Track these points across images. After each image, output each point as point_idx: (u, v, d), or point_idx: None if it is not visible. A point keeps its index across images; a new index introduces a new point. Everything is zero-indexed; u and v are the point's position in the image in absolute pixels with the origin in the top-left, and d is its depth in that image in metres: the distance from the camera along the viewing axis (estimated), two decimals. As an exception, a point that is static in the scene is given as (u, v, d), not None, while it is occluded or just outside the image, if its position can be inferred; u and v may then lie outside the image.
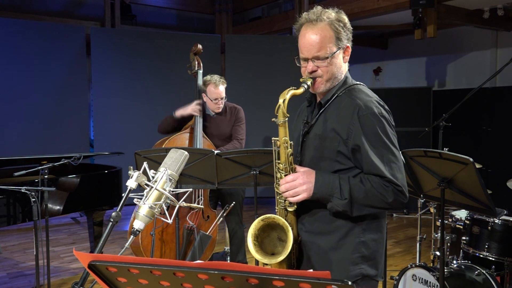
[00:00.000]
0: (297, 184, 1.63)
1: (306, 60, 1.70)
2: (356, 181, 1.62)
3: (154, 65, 6.82)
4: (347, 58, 1.74)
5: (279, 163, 1.69)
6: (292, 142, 1.69)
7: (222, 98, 3.71)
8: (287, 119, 1.65)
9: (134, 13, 8.11)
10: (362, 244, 1.68)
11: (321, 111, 1.74)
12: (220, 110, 3.75)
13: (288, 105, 1.63)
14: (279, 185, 1.68)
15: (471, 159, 2.22)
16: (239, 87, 6.66)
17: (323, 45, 1.65)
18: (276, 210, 1.75)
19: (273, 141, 1.70)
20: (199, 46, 3.94)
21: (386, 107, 1.72)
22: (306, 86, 1.67)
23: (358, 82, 1.78)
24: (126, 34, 7.00)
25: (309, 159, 1.74)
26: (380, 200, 1.61)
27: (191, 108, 3.70)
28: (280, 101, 1.62)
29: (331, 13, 1.69)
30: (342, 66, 1.73)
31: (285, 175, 1.67)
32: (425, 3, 5.26)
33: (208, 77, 3.73)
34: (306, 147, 1.77)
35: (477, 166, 2.30)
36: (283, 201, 1.70)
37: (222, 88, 3.69)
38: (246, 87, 6.78)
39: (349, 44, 1.73)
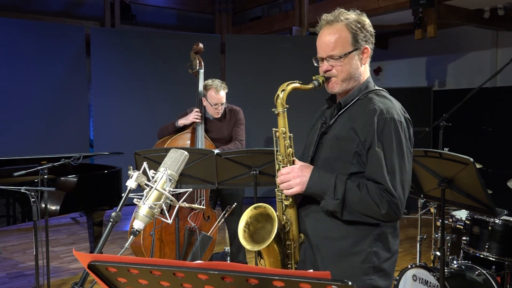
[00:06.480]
0: (291, 177, 1.63)
1: (322, 59, 1.69)
2: (352, 185, 1.58)
3: (154, 65, 6.80)
4: (366, 60, 1.72)
5: (278, 154, 1.70)
6: (291, 134, 1.68)
7: (222, 104, 3.67)
8: (285, 109, 1.65)
9: (134, 13, 8.12)
10: (374, 254, 1.63)
11: (340, 112, 1.71)
12: (219, 115, 3.72)
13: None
14: (277, 177, 1.69)
15: (471, 159, 2.21)
16: (239, 87, 6.64)
17: (338, 45, 1.65)
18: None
19: (273, 131, 1.71)
20: (200, 45, 3.91)
21: (408, 116, 1.67)
22: (316, 83, 1.67)
23: (381, 88, 1.76)
24: (126, 34, 6.99)
25: (323, 160, 1.71)
26: (373, 210, 1.56)
27: (193, 117, 3.68)
28: (279, 91, 1.64)
29: (351, 15, 1.67)
30: (359, 67, 1.71)
31: (283, 167, 1.68)
32: (426, 3, 5.26)
33: (209, 82, 3.68)
34: (322, 148, 1.73)
35: (478, 166, 2.29)
36: (280, 194, 1.70)
37: (223, 94, 3.66)
38: (246, 87, 6.76)
39: (369, 47, 1.70)
